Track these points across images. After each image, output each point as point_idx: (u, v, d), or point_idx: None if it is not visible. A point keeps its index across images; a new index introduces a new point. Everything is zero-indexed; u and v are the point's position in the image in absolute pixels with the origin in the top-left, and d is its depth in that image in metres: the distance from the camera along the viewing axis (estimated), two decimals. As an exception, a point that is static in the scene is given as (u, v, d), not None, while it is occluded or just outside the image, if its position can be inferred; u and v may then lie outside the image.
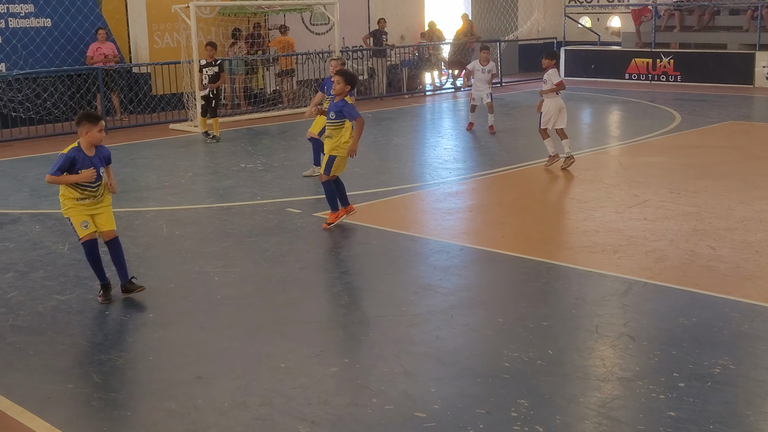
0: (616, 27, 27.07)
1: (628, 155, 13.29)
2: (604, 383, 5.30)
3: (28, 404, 5.20)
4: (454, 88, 23.32)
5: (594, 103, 20.17)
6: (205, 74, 15.31)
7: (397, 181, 11.59)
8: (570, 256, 8.03)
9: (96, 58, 17.39)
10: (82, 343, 6.21)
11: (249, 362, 5.74)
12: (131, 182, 12.04)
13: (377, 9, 23.36)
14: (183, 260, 8.15)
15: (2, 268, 7.97)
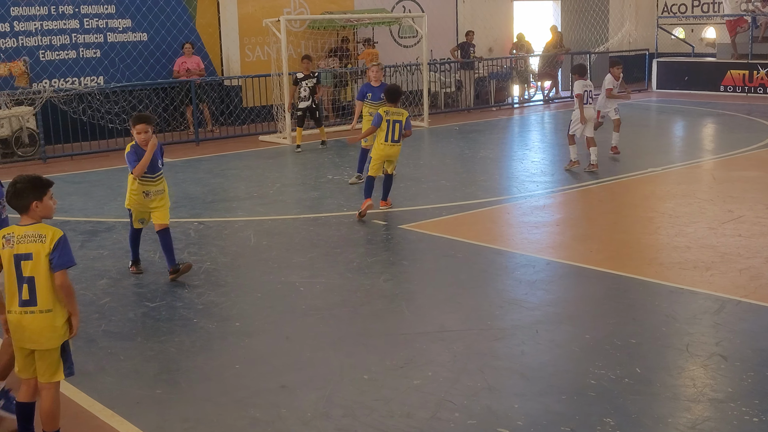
0: (711, 38, 26.41)
1: (723, 169, 12.92)
2: (694, 404, 5.14)
3: (118, 408, 5.33)
4: (543, 101, 23.09)
5: (687, 115, 19.70)
6: (304, 86, 15.84)
7: (484, 194, 11.52)
8: (660, 272, 7.83)
9: (180, 72, 17.75)
10: (170, 349, 6.34)
11: (332, 373, 5.76)
12: (221, 192, 12.28)
13: (466, 21, 23.33)
14: (269, 270, 8.25)
15: (96, 274, 8.21)
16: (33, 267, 4.55)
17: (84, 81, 17.25)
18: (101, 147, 16.24)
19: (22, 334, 4.62)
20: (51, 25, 16.87)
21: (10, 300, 4.63)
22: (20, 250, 4.56)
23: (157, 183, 7.95)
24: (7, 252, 4.59)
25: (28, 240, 4.57)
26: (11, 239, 4.60)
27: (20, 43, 16.55)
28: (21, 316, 4.59)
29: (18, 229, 4.63)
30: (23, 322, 4.59)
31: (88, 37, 17.37)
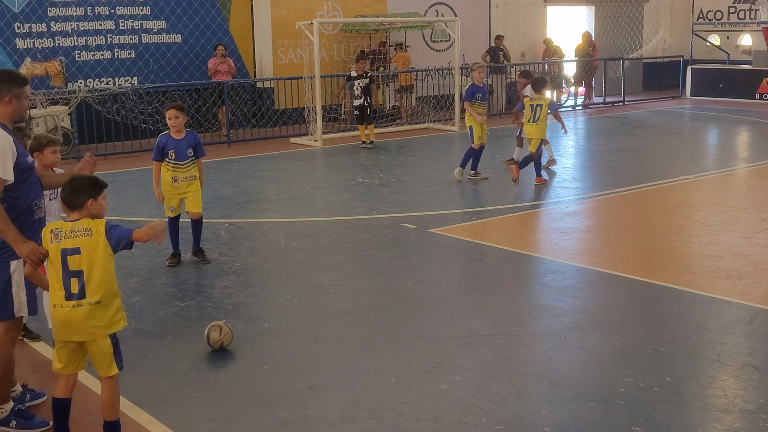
0: (747, 45, 26.12)
1: (757, 178, 12.78)
2: (725, 414, 5.09)
3: (147, 406, 5.37)
4: (572, 107, 22.96)
5: (722, 123, 19.50)
6: (357, 85, 16.49)
7: (514, 199, 11.48)
8: (692, 281, 7.76)
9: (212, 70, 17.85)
10: (199, 349, 6.37)
11: (360, 375, 5.77)
12: (252, 193, 12.34)
13: (498, 26, 23.27)
14: (299, 272, 8.28)
15: (128, 273, 8.28)
16: (80, 261, 4.63)
17: (118, 81, 17.43)
18: (134, 147, 16.38)
19: (70, 328, 4.68)
20: (87, 25, 17.07)
21: (54, 294, 4.70)
22: (67, 245, 4.65)
23: (186, 170, 8.39)
24: (54, 247, 4.68)
25: (76, 235, 4.66)
26: (59, 234, 4.69)
27: (56, 44, 16.75)
28: (70, 310, 4.65)
29: (66, 225, 4.73)
30: (72, 315, 4.66)
31: (123, 38, 17.54)
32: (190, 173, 8.42)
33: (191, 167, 8.42)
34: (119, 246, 4.72)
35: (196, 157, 8.45)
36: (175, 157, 8.33)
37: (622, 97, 23.54)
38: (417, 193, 11.90)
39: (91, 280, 4.64)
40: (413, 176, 13.23)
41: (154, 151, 8.48)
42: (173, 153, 8.36)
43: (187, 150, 8.35)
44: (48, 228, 4.76)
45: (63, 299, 4.66)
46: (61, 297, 4.67)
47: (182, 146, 8.32)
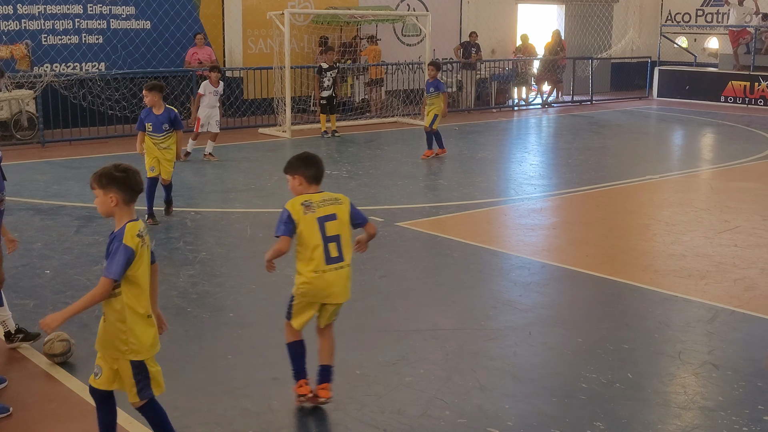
0: (714, 48, 26.44)
1: (721, 179, 12.95)
2: (684, 411, 5.16)
3: (109, 394, 5.31)
4: (541, 104, 23.10)
5: (687, 124, 19.73)
6: (328, 77, 16.69)
7: (481, 195, 11.53)
8: (655, 279, 7.85)
9: (192, 63, 17.77)
10: (162, 338, 6.29)
11: (325, 367, 5.75)
12: (218, 183, 12.27)
13: (470, 22, 23.33)
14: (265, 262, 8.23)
15: (91, 260, 8.20)
16: (338, 226, 5.08)
17: (85, 67, 17.23)
18: (100, 133, 16.22)
19: (327, 290, 5.08)
20: (54, 9, 16.84)
21: (308, 262, 5.06)
22: (321, 213, 5.08)
23: (161, 141, 9.63)
24: (309, 216, 5.07)
25: (328, 204, 5.15)
26: (311, 205, 5.10)
27: (23, 26, 16.52)
28: (332, 273, 5.04)
29: (315, 197, 5.17)
30: (332, 278, 5.04)
31: (91, 23, 17.34)
32: (165, 144, 9.65)
33: (166, 139, 9.64)
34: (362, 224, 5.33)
35: (175, 128, 9.68)
36: (152, 129, 9.61)
37: (590, 97, 23.72)
38: (384, 187, 11.91)
39: (345, 243, 5.09)
40: (381, 169, 13.24)
41: (138, 123, 9.75)
42: (150, 126, 9.61)
43: (163, 124, 9.58)
44: (297, 201, 5.17)
45: (323, 263, 5.02)
46: (320, 262, 5.02)
47: (159, 120, 9.58)
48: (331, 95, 16.86)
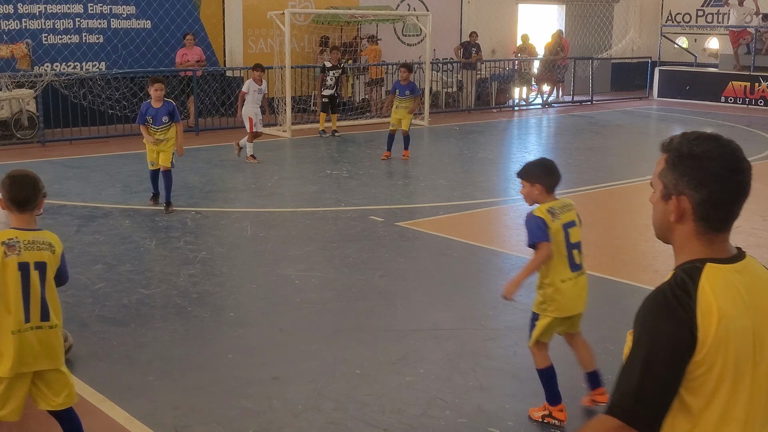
0: (714, 48, 26.43)
1: (721, 180, 12.91)
2: (685, 411, 5.15)
3: (109, 393, 5.33)
4: (541, 104, 23.10)
5: (687, 125, 19.73)
6: (331, 76, 16.79)
7: (481, 195, 11.53)
8: (655, 279, 7.81)
9: (183, 64, 17.62)
10: (163, 337, 6.34)
11: (325, 366, 5.77)
12: (219, 183, 12.28)
13: (470, 22, 23.32)
14: (265, 262, 8.26)
15: (92, 260, 8.20)
16: (578, 232, 4.90)
17: (86, 66, 17.21)
18: (101, 133, 16.22)
19: (576, 299, 4.97)
20: (54, 8, 16.83)
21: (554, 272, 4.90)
22: (564, 219, 4.87)
23: (161, 132, 10.10)
24: (557, 224, 4.85)
25: (566, 210, 4.92)
26: (556, 213, 4.85)
27: (23, 26, 16.51)
28: (576, 280, 4.91)
29: (555, 204, 4.90)
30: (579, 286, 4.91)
31: (92, 23, 17.33)
32: (164, 136, 10.13)
33: (166, 132, 10.12)
34: None
35: (173, 121, 10.14)
36: (152, 122, 10.08)
37: (591, 97, 23.72)
38: (385, 186, 11.92)
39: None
40: (381, 169, 13.24)
41: (139, 117, 10.24)
42: (151, 119, 10.09)
43: (162, 117, 10.06)
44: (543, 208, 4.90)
45: (570, 272, 4.90)
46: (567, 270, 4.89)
47: (160, 113, 10.06)
48: (333, 95, 16.92)
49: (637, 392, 2.12)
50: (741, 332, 2.15)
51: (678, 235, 2.30)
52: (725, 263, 2.24)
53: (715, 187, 2.22)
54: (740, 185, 2.27)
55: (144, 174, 12.49)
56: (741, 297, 2.19)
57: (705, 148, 2.25)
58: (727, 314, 2.13)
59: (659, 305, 2.18)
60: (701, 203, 2.23)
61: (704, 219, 2.25)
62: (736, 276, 2.22)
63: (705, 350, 2.12)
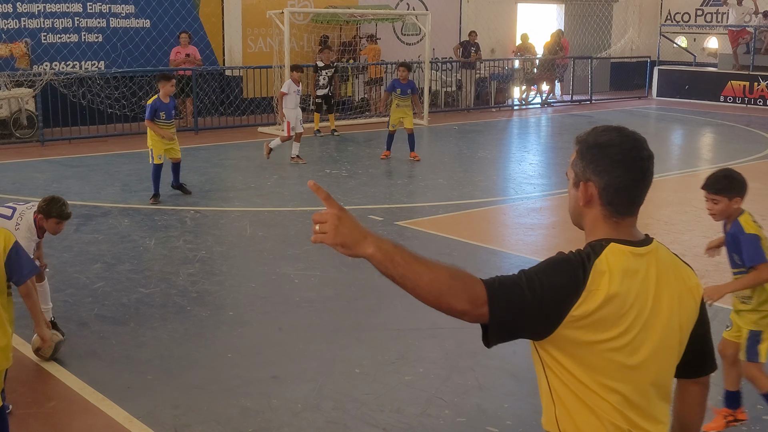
0: (713, 48, 26.44)
1: (720, 179, 12.92)
2: (683, 410, 5.16)
3: (109, 392, 5.33)
4: (540, 104, 23.10)
5: (686, 124, 19.74)
6: (324, 75, 16.82)
7: (481, 194, 11.53)
8: (654, 278, 7.84)
9: (177, 62, 17.48)
10: (162, 336, 6.34)
11: (324, 365, 5.77)
12: (218, 182, 12.28)
13: (469, 22, 23.32)
14: (264, 261, 8.26)
15: (91, 259, 8.21)
16: None
17: (85, 65, 17.21)
18: (100, 132, 16.21)
19: None
20: (53, 7, 16.83)
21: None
22: None
23: (171, 126, 10.74)
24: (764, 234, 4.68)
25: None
26: (757, 221, 4.74)
27: (22, 25, 16.50)
28: None
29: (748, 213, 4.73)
30: None
31: (91, 22, 17.32)
32: (173, 129, 10.79)
33: (174, 124, 10.85)
34: None
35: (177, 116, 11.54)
36: (164, 117, 10.58)
37: (590, 96, 23.72)
38: (384, 186, 11.92)
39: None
40: (380, 168, 13.24)
41: (148, 113, 10.52)
42: (163, 114, 10.56)
43: (172, 111, 10.75)
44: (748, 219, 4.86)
45: None
46: None
47: (169, 108, 10.68)
48: (327, 94, 16.93)
49: (511, 291, 2.31)
50: (631, 308, 2.31)
51: (587, 219, 2.49)
52: (628, 245, 2.39)
53: (617, 173, 2.40)
54: (641, 171, 2.43)
55: (143, 173, 12.49)
56: (636, 276, 2.35)
57: (608, 138, 2.45)
58: (616, 288, 2.29)
59: (562, 261, 2.37)
60: (606, 188, 2.41)
61: (610, 203, 2.42)
62: (636, 258, 2.38)
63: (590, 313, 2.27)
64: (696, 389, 2.66)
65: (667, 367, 2.44)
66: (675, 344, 2.43)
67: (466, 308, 2.30)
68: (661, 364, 2.41)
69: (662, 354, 2.40)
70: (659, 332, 2.37)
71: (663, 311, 2.38)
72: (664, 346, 2.39)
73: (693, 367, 2.57)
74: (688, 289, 2.47)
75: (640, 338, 2.34)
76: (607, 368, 2.32)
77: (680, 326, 2.42)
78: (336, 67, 17.30)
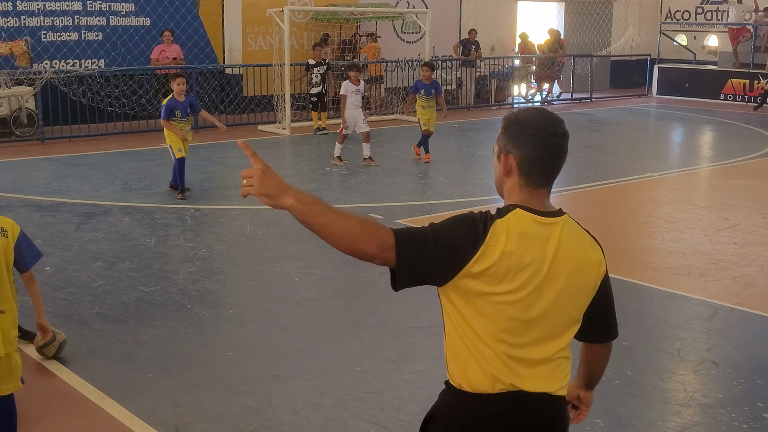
0: (713, 46, 26.43)
1: (720, 177, 12.96)
2: (684, 408, 5.17)
3: (110, 391, 5.33)
4: (541, 102, 23.09)
5: (686, 122, 19.73)
6: (316, 73, 16.84)
7: (481, 192, 11.53)
8: (654, 276, 7.86)
9: (161, 61, 17.24)
10: (163, 334, 6.34)
11: (324, 364, 5.77)
12: (218, 180, 12.28)
13: (469, 20, 23.31)
14: (264, 260, 8.26)
15: (91, 257, 8.21)
16: None
17: (85, 63, 17.20)
18: (100, 130, 16.21)
19: None
20: (53, 6, 16.82)
21: None
22: None
23: (186, 123, 10.91)
24: None
25: None
26: None
27: (22, 23, 16.49)
28: None
29: None
30: None
31: (91, 20, 17.31)
32: (189, 125, 11.02)
33: (188, 123, 10.99)
34: None
35: (195, 112, 11.21)
36: (180, 115, 10.73)
37: (590, 94, 23.72)
38: (384, 184, 11.91)
39: None
40: (381, 166, 13.23)
41: (164, 112, 10.69)
42: (179, 112, 10.72)
43: (187, 109, 10.84)
44: None
45: None
46: None
47: (184, 106, 10.78)
48: (320, 92, 16.93)
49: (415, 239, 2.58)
50: (526, 267, 2.56)
51: (507, 187, 2.74)
52: (534, 213, 2.63)
53: (533, 146, 2.66)
54: (555, 146, 2.71)
55: (143, 171, 12.51)
56: (535, 241, 2.59)
57: (527, 115, 2.72)
58: (512, 248, 2.54)
59: (467, 217, 2.61)
60: (523, 160, 2.67)
61: (527, 173, 2.67)
62: (539, 225, 2.63)
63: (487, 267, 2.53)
64: (599, 349, 2.99)
65: (557, 329, 2.65)
66: (569, 308, 2.66)
67: (375, 252, 2.56)
68: (551, 324, 2.63)
69: (554, 315, 2.62)
70: (553, 295, 2.60)
71: (560, 277, 2.61)
72: (556, 308, 2.62)
73: (595, 333, 2.86)
74: (589, 263, 2.72)
75: (533, 297, 2.57)
76: (498, 318, 2.57)
77: (576, 294, 2.66)
78: (328, 64, 17.24)
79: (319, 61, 17.00)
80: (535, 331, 2.60)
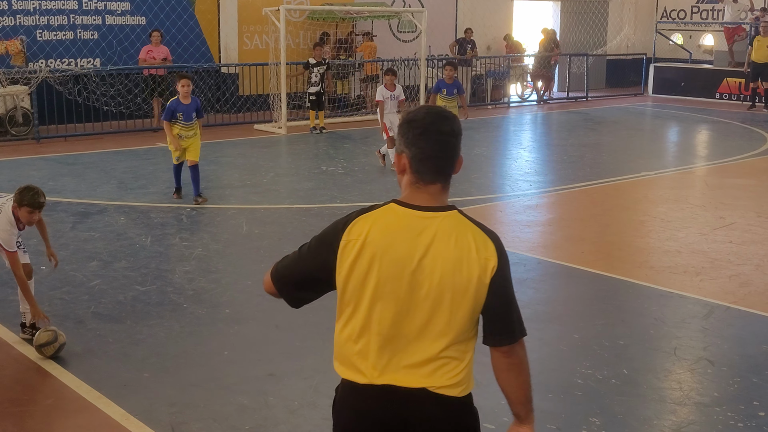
0: (709, 45, 26.45)
1: (716, 176, 12.97)
2: (680, 407, 5.17)
3: (105, 390, 5.33)
4: (536, 101, 23.09)
5: (682, 121, 19.75)
6: (315, 72, 16.74)
7: (477, 191, 11.53)
8: (650, 275, 7.86)
9: (147, 62, 16.93)
10: (159, 333, 6.33)
11: (321, 363, 5.76)
12: (215, 179, 12.26)
13: (465, 19, 23.32)
14: (261, 258, 8.25)
15: (87, 256, 8.19)
16: None
17: (80, 62, 17.18)
18: (95, 129, 16.19)
19: None
20: (49, 4, 16.78)
21: None
22: None
23: (190, 128, 10.31)
24: None
25: None
26: None
27: (18, 22, 16.46)
28: None
29: None
30: None
31: (86, 19, 17.28)
32: (193, 131, 10.35)
33: (193, 127, 10.34)
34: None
35: (198, 117, 10.44)
36: (182, 118, 10.23)
37: (585, 93, 23.73)
38: (380, 183, 11.91)
39: None
40: (377, 165, 13.23)
41: (166, 113, 10.29)
42: (181, 115, 10.23)
43: (192, 113, 10.31)
44: None
45: None
46: None
47: (189, 110, 10.29)
48: (319, 91, 16.91)
49: (285, 260, 3.00)
50: (391, 261, 2.67)
51: (402, 185, 2.84)
52: (412, 208, 2.75)
53: (420, 145, 2.74)
54: (441, 143, 2.77)
55: (139, 170, 12.49)
56: (405, 233, 2.70)
57: (415, 115, 2.78)
58: (375, 242, 2.68)
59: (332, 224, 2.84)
60: (413, 158, 2.75)
61: (416, 171, 2.76)
62: (413, 218, 2.73)
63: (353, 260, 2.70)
64: (497, 355, 2.97)
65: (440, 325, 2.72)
66: (444, 302, 2.70)
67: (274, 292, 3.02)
68: (423, 317, 2.70)
69: (430, 308, 2.69)
70: (425, 288, 2.68)
71: (435, 271, 2.67)
72: (430, 301, 2.69)
73: (489, 335, 2.90)
74: (472, 259, 2.71)
75: (401, 288, 2.68)
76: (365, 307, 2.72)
77: (453, 289, 2.69)
78: (328, 63, 17.25)
79: (320, 60, 16.95)
80: (405, 323, 2.70)
